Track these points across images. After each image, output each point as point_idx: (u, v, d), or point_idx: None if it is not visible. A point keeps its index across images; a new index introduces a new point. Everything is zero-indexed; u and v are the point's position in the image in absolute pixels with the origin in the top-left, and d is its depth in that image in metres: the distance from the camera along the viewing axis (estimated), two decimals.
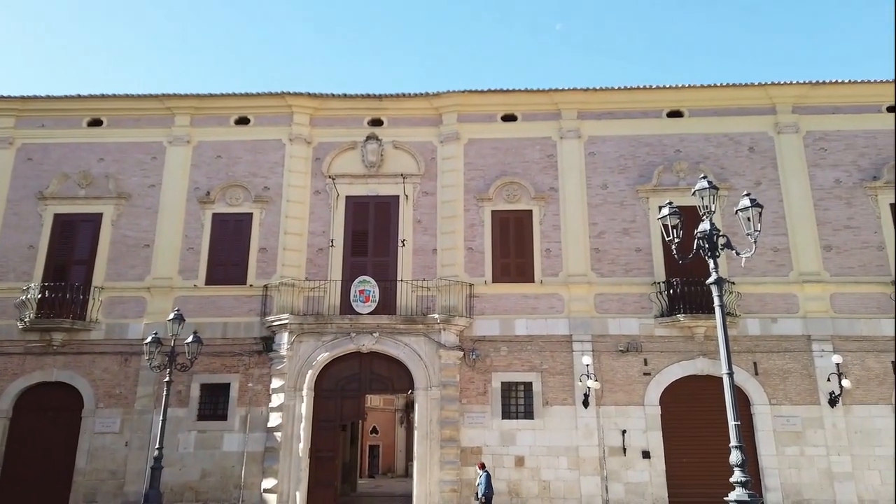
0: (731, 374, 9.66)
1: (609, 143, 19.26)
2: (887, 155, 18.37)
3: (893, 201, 17.88)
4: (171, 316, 16.15)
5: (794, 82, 18.82)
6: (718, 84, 19.06)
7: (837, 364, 16.10)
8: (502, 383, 17.31)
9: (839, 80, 18.77)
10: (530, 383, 17.26)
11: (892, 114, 18.77)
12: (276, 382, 17.10)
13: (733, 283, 16.91)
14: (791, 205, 18.16)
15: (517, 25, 51.20)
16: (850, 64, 46.36)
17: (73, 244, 18.85)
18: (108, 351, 17.81)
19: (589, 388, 16.57)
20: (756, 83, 18.94)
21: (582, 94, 19.32)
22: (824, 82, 18.76)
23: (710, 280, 10.25)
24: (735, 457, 9.13)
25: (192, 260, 18.64)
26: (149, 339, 15.96)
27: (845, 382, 15.98)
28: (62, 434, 17.28)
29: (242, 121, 20.02)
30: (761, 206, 10.27)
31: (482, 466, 15.70)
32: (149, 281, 18.43)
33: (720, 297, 10.15)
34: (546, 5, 51.09)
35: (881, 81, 18.64)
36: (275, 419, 16.81)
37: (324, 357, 17.24)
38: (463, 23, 52.16)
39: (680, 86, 19.15)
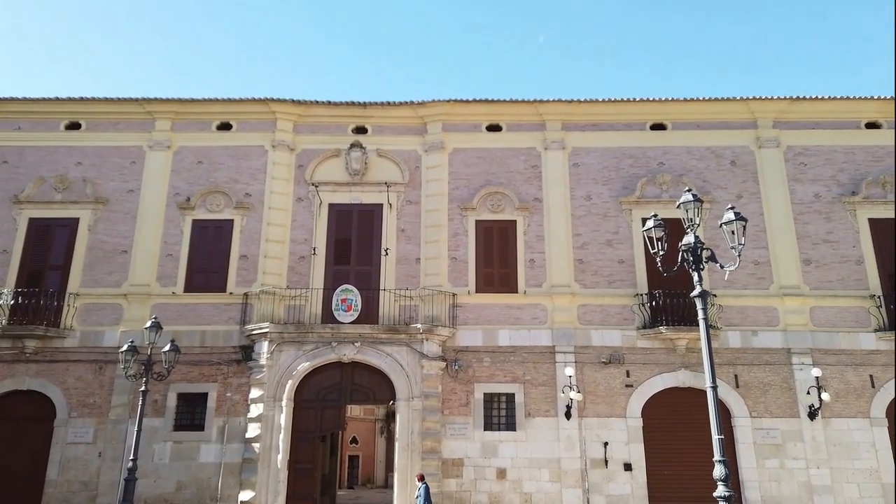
0: (714, 388, 9.65)
1: (593, 154, 19.33)
2: (866, 170, 18.65)
3: (872, 216, 18.12)
4: (149, 324, 15.81)
5: (775, 97, 19.06)
6: (701, 98, 19.25)
7: (817, 377, 16.24)
8: (485, 394, 17.20)
9: (819, 97, 19.04)
10: (513, 394, 17.17)
11: (871, 130, 19.08)
12: (254, 392, 16.82)
13: (715, 295, 17.00)
14: (772, 218, 18.34)
15: (502, 35, 51.49)
16: (831, 79, 47.27)
17: (48, 249, 18.44)
18: (82, 359, 17.40)
19: (571, 399, 16.52)
20: (738, 98, 19.15)
21: (566, 105, 19.38)
22: (804, 98, 19.02)
23: (695, 293, 10.24)
24: (718, 471, 9.09)
25: (171, 267, 18.33)
26: (125, 348, 15.60)
27: (825, 396, 16.11)
28: (33, 444, 16.82)
29: (225, 126, 19.78)
30: (745, 220, 10.28)
31: (421, 478, 15.13)
32: (126, 287, 18.07)
33: (704, 310, 10.13)
34: (530, 16, 51.48)
35: (860, 98, 18.95)
36: (253, 430, 16.52)
37: (304, 367, 17.00)
38: (448, 32, 52.34)
39: (663, 99, 19.30)
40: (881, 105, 18.99)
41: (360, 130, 19.78)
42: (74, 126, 19.72)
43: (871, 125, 19.14)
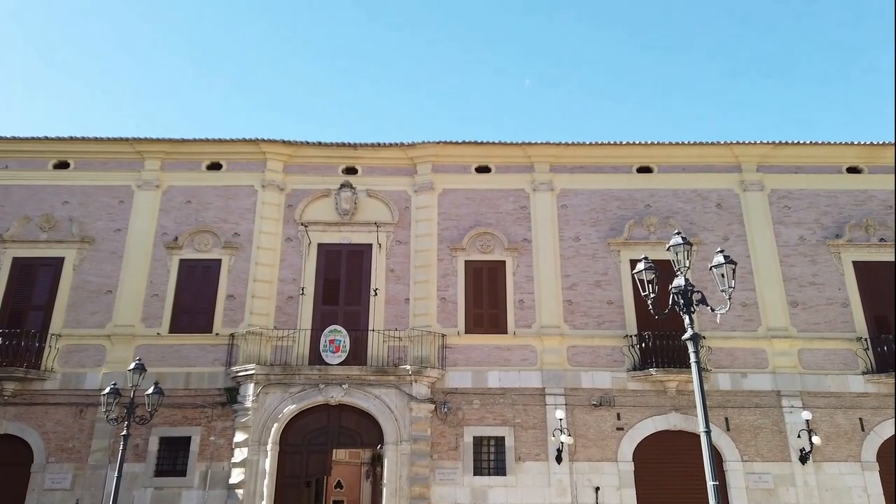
0: (708, 433, 9.56)
1: (581, 196, 19.52)
2: (848, 214, 18.96)
3: (856, 259, 18.35)
4: (132, 365, 15.43)
5: (758, 142, 19.44)
6: (686, 142, 19.58)
7: (807, 420, 16.17)
8: (474, 438, 16.93)
9: (801, 142, 19.45)
10: (503, 438, 16.92)
11: (852, 174, 19.47)
12: (239, 436, 16.44)
13: (704, 337, 16.92)
14: (758, 260, 18.52)
15: (489, 79, 52.47)
16: (814, 124, 48.43)
17: (31, 289, 18.15)
18: (62, 402, 16.97)
19: (562, 443, 16.30)
20: (722, 142, 19.52)
21: (554, 148, 19.63)
22: (787, 143, 19.43)
23: (687, 336, 10.22)
24: None
25: (157, 307, 18.08)
26: (107, 390, 15.24)
27: (815, 439, 16.02)
28: (8, 490, 16.23)
29: (214, 166, 19.79)
30: (735, 263, 10.37)
31: None
32: (110, 328, 17.77)
33: (696, 353, 10.10)
34: (516, 61, 52.54)
35: (840, 143, 19.38)
36: (237, 475, 16.09)
37: (290, 409, 16.69)
38: (437, 75, 53.28)
39: (649, 143, 19.62)
40: (861, 150, 19.43)
41: (351, 171, 19.87)
42: (63, 165, 19.64)
43: (853, 170, 19.55)
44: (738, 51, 50.22)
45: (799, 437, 16.41)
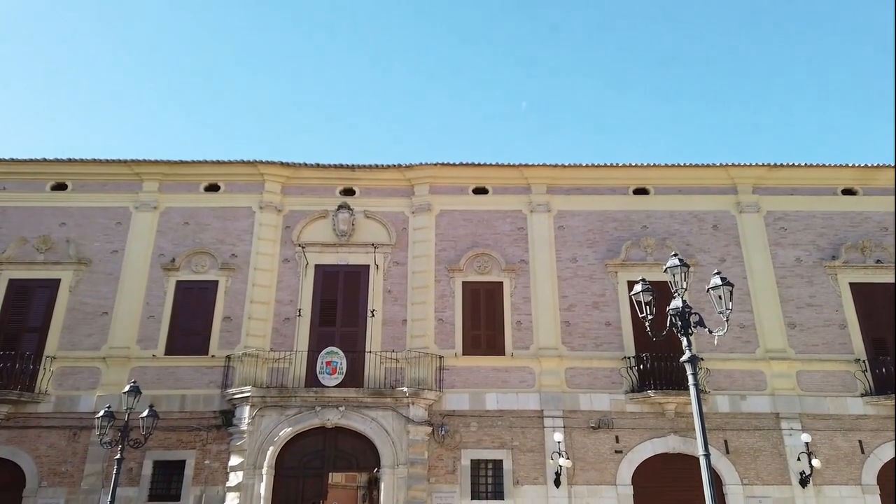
0: (707, 456, 9.49)
1: (578, 217, 19.58)
2: (844, 236, 19.03)
3: (853, 281, 18.38)
4: (127, 388, 15.26)
5: (754, 164, 19.56)
6: (682, 164, 19.69)
7: (807, 443, 16.06)
8: (472, 461, 16.78)
9: (796, 164, 19.58)
10: (500, 461, 16.77)
11: (847, 196, 19.58)
12: (234, 460, 16.26)
13: (702, 358, 16.84)
14: (755, 282, 18.53)
15: (487, 101, 52.94)
16: (810, 145, 48.85)
17: (26, 311, 18.06)
18: (55, 425, 16.80)
19: (560, 466, 16.15)
20: (717, 164, 19.63)
21: (551, 169, 19.73)
22: (782, 165, 19.55)
23: (684, 358, 10.20)
24: None
25: (153, 329, 17.99)
26: (101, 413, 15.05)
27: (815, 462, 15.90)
28: None
29: (212, 188, 19.83)
30: (732, 285, 10.39)
31: None
32: (105, 350, 17.66)
33: (695, 375, 10.08)
34: (513, 83, 53.03)
35: (835, 166, 19.52)
36: (232, 499, 15.89)
37: (286, 432, 16.54)
38: (435, 96, 53.72)
39: (645, 164, 19.72)
40: (856, 172, 19.56)
41: (348, 192, 19.93)
42: (60, 187, 19.66)
43: (848, 191, 19.66)
44: (734, 72, 50.78)
45: (799, 459, 16.29)
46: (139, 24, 49.50)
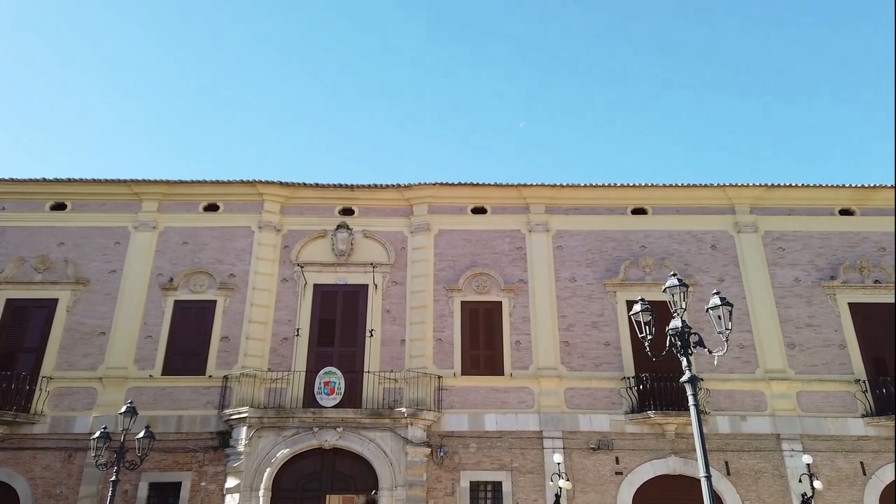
0: (709, 478, 9.42)
1: (576, 237, 19.62)
2: (842, 256, 19.07)
3: (852, 301, 18.38)
4: (123, 409, 15.16)
5: (751, 185, 19.65)
6: (679, 184, 19.78)
7: (808, 465, 15.92)
8: (471, 483, 16.62)
9: (793, 184, 19.67)
10: (500, 483, 16.61)
11: (845, 216, 19.65)
12: (231, 481, 16.09)
13: (702, 379, 16.86)
14: (754, 302, 18.53)
15: (486, 119, 53.30)
16: (807, 166, 49.13)
17: (23, 331, 17.99)
18: (50, 447, 16.64)
19: (560, 488, 15.98)
20: (715, 184, 19.71)
21: (549, 189, 19.80)
22: (779, 185, 19.64)
23: (684, 378, 10.17)
24: None
25: (150, 349, 17.91)
26: (97, 434, 14.94)
27: (817, 484, 15.74)
28: None
29: (211, 207, 19.87)
30: (731, 305, 10.38)
31: None
32: (102, 371, 17.56)
33: (695, 396, 10.04)
34: (510, 103, 53.42)
35: (832, 186, 19.61)
36: None
37: (284, 454, 16.39)
38: (434, 116, 54.08)
39: (643, 185, 19.80)
40: (853, 193, 19.66)
41: (347, 212, 19.98)
42: (60, 207, 19.69)
43: (845, 212, 19.74)
44: (731, 93, 51.24)
45: (800, 481, 16.11)
46: (138, 43, 49.96)
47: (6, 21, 46.37)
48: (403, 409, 16.65)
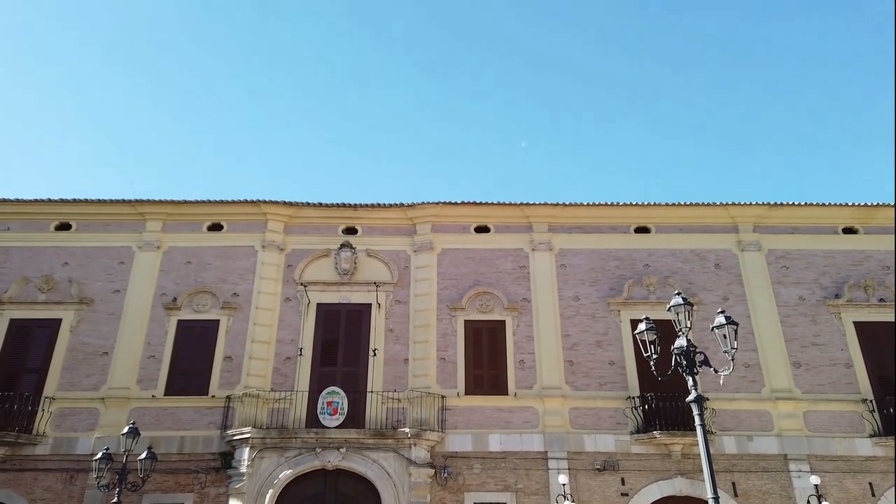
0: (716, 499, 9.34)
1: (580, 255, 19.61)
2: (847, 274, 19.01)
3: (857, 319, 18.29)
4: (126, 429, 15.13)
5: (754, 203, 19.66)
6: (682, 203, 19.81)
7: (816, 485, 15.73)
8: None
9: (796, 203, 19.69)
10: None
11: (848, 235, 19.63)
12: (233, 503, 15.95)
13: (707, 398, 16.64)
14: (759, 320, 18.45)
15: (487, 139, 53.60)
16: (811, 184, 49.23)
17: (26, 351, 17.96)
18: (52, 468, 16.52)
19: None
20: (718, 203, 19.72)
21: (552, 208, 19.84)
22: (782, 204, 19.65)
23: (690, 398, 10.12)
24: None
25: (153, 369, 17.86)
26: (99, 455, 14.87)
27: None
28: None
29: (215, 227, 19.93)
30: (736, 324, 10.35)
31: None
32: (104, 391, 17.49)
33: (701, 416, 9.98)
34: (513, 122, 53.76)
35: (835, 205, 19.62)
36: None
37: (286, 475, 16.25)
38: (436, 136, 54.42)
39: (646, 203, 19.82)
40: (856, 211, 19.65)
41: (350, 231, 20.02)
42: (64, 227, 19.75)
43: (848, 230, 19.72)
44: (734, 111, 51.50)
45: (808, 502, 15.94)
46: (139, 64, 50.49)
47: (11, 44, 46.96)
48: (407, 430, 16.53)
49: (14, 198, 19.66)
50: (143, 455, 15.11)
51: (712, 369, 10.40)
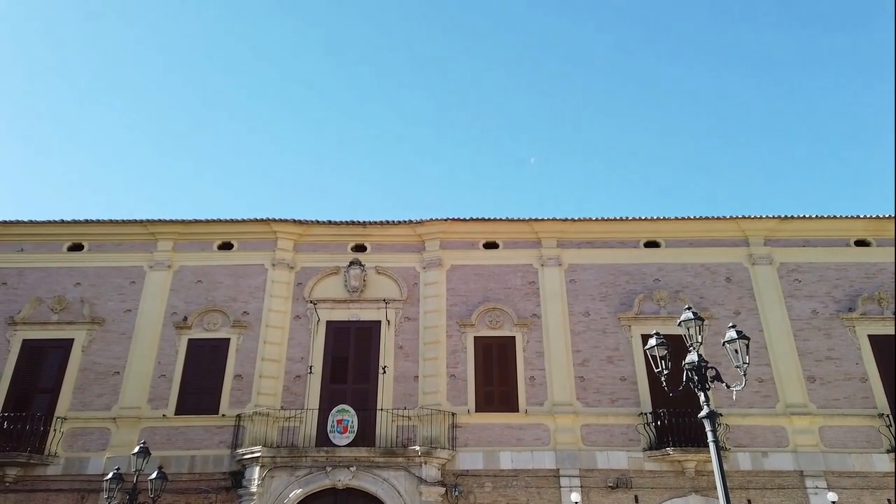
0: None
1: (589, 271, 19.54)
2: (860, 287, 18.81)
3: (872, 333, 18.06)
4: (136, 449, 15.13)
5: (765, 216, 19.53)
6: (692, 217, 19.70)
7: (833, 502, 15.48)
8: None
9: (807, 215, 19.53)
10: None
11: (861, 247, 19.44)
12: None
13: (721, 414, 16.51)
14: (771, 335, 18.26)
15: (497, 155, 53.77)
16: (822, 197, 48.94)
17: (39, 371, 18.08)
18: (63, 488, 16.52)
19: None
20: (728, 217, 19.60)
21: (561, 223, 19.81)
22: (793, 217, 19.50)
23: (703, 414, 10.00)
24: None
25: (164, 388, 17.91)
26: (110, 475, 14.86)
27: None
28: None
29: (226, 246, 20.05)
30: (748, 338, 10.25)
31: None
32: (115, 410, 17.54)
33: (714, 432, 9.86)
34: (521, 138, 53.94)
35: (847, 217, 19.45)
36: None
37: (296, 494, 16.17)
38: (445, 152, 54.67)
39: (655, 218, 19.71)
40: (868, 223, 19.47)
41: (360, 248, 20.08)
42: (77, 247, 19.94)
43: (861, 242, 19.53)
44: (743, 123, 51.40)
45: None
46: (152, 85, 51.16)
47: (22, 65, 47.76)
48: (417, 448, 16.44)
49: (27, 219, 19.94)
50: (154, 475, 15.08)
51: (724, 384, 10.28)
